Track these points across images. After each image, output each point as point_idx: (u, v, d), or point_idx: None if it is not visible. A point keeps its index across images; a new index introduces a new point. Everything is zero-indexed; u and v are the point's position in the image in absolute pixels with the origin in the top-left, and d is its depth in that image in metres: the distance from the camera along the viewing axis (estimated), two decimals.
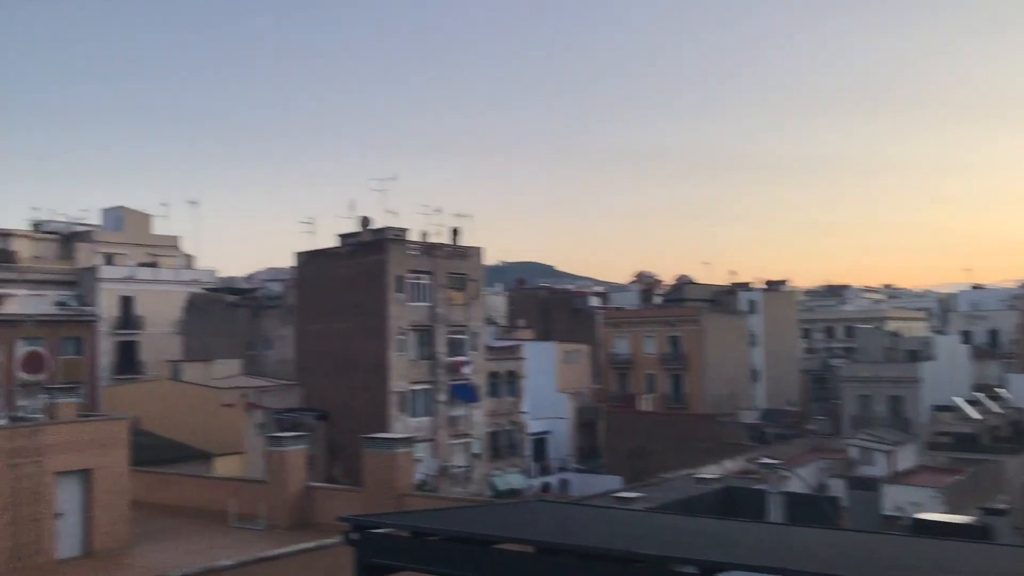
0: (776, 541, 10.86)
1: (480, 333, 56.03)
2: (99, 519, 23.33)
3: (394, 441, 24.99)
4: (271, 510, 26.19)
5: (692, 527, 12.24)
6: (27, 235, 66.10)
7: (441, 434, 52.33)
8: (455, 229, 55.49)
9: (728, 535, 11.25)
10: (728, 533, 11.44)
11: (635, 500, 24.74)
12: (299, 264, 55.38)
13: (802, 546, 10.43)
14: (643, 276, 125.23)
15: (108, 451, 23.73)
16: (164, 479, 30.83)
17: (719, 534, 11.38)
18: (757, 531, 11.83)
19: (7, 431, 21.81)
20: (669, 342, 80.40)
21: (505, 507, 17.78)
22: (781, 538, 11.19)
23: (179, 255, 71.14)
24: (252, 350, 58.69)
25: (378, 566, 10.84)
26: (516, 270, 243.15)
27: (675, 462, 48.46)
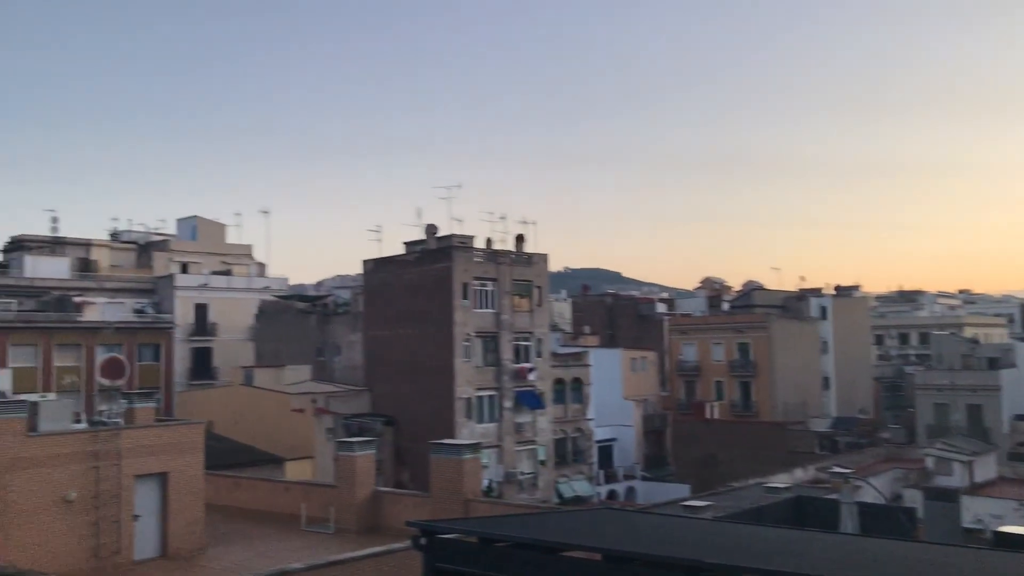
0: (850, 552, 10.64)
1: (545, 339, 56.01)
2: (175, 521, 23.93)
3: (461, 447, 25.10)
4: (340, 514, 26.55)
5: (762, 536, 12.06)
6: (106, 244, 68.25)
7: (507, 440, 52.42)
8: (520, 236, 55.65)
9: (799, 545, 11.06)
10: (799, 543, 11.25)
11: (703, 509, 24.43)
12: (366, 271, 56.08)
13: (877, 558, 10.20)
14: (710, 282, 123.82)
15: (184, 455, 24.33)
16: (237, 483, 31.45)
17: (790, 544, 11.19)
18: (830, 542, 11.60)
19: (88, 435, 22.52)
20: (738, 349, 79.30)
21: (571, 515, 17.73)
22: (855, 549, 10.96)
23: (251, 263, 72.68)
24: (321, 356, 59.60)
25: (446, 571, 10.93)
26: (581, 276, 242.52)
27: (744, 470, 47.77)
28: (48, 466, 21.46)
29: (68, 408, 24.49)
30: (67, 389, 52.77)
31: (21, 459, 20.93)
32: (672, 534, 12.00)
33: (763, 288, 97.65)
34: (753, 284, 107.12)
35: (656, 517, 16.18)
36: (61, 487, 21.62)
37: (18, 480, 20.82)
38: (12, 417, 20.98)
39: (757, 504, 25.98)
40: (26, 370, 52.51)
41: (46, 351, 54.92)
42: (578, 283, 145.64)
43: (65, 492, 21.65)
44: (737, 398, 78.54)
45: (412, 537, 11.51)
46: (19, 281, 58.85)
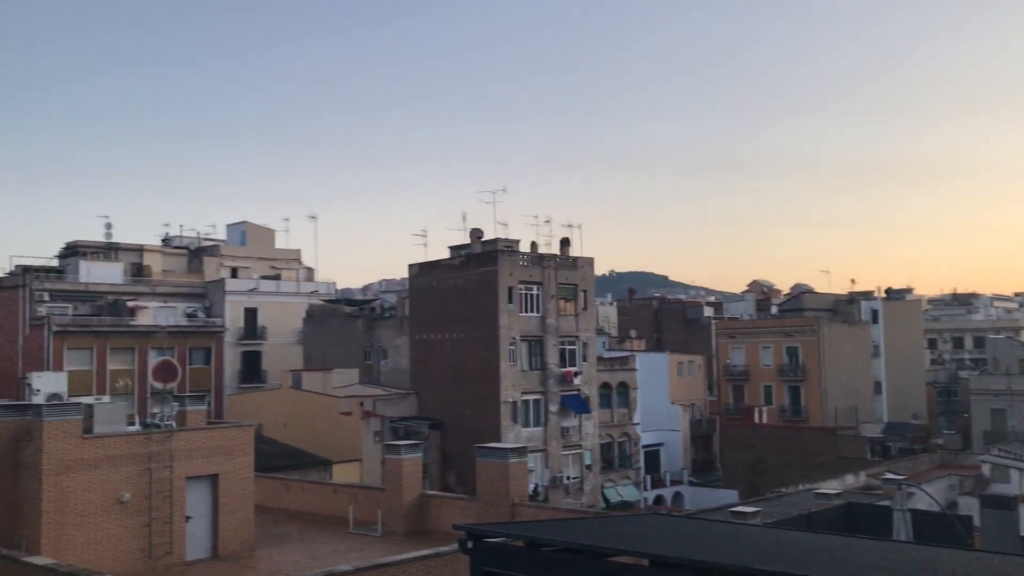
0: (904, 560, 10.44)
1: (591, 343, 55.86)
2: (225, 523, 24.26)
3: (507, 451, 25.10)
4: (388, 517, 26.72)
5: (812, 543, 11.88)
6: (158, 250, 69.55)
7: (553, 444, 52.36)
8: (565, 239, 55.59)
9: (851, 553, 10.88)
10: (851, 551, 11.06)
11: (752, 515, 24.15)
12: (412, 276, 56.44)
13: (932, 566, 10.00)
14: (758, 285, 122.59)
15: (234, 457, 24.67)
16: (286, 485, 31.80)
17: (841, 551, 11.02)
18: (882, 549, 11.39)
19: (142, 437, 22.93)
20: (787, 353, 78.38)
21: (619, 519, 17.65)
22: (909, 557, 10.75)
23: (300, 268, 73.54)
24: (368, 360, 60.11)
25: (492, 574, 10.93)
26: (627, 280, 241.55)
27: (793, 476, 47.13)
28: (103, 467, 21.90)
29: (122, 410, 24.95)
30: (120, 392, 53.84)
31: (77, 460, 21.38)
32: (720, 540, 11.88)
33: (812, 291, 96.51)
34: (802, 287, 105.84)
35: (704, 523, 16.04)
36: (115, 488, 22.04)
37: (74, 481, 21.28)
38: (68, 419, 21.44)
39: (807, 510, 25.63)
40: (81, 373, 53.71)
41: (100, 354, 56.13)
42: (624, 287, 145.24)
43: (119, 493, 22.06)
44: (786, 403, 77.61)
45: (459, 540, 11.54)
46: (75, 286, 60.19)
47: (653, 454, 65.84)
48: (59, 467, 21.03)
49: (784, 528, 17.70)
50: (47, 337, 54.21)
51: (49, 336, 54.22)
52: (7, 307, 58.30)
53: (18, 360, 56.07)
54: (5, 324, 58.25)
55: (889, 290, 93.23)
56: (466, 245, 55.38)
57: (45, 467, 20.81)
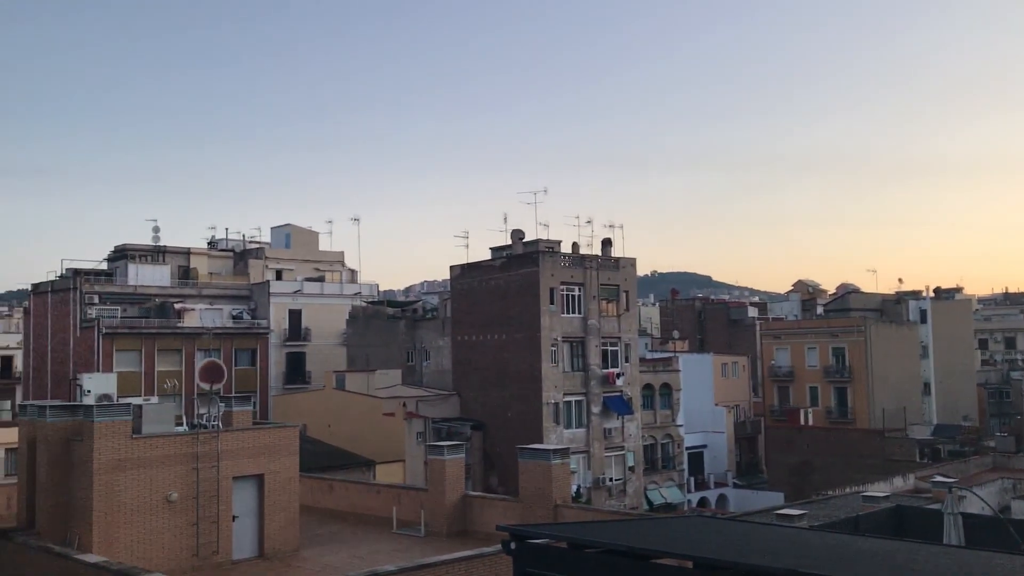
0: (955, 565, 10.23)
1: (633, 344, 55.60)
2: (271, 522, 24.51)
3: (549, 452, 25.05)
4: (431, 517, 26.81)
5: (860, 547, 11.69)
6: (204, 253, 70.57)
7: (595, 446, 52.19)
8: (607, 240, 55.41)
9: (900, 556, 10.69)
10: (900, 555, 10.87)
11: (798, 517, 23.85)
12: (453, 277, 56.63)
13: (985, 571, 9.78)
14: (803, 285, 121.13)
15: (280, 457, 24.91)
16: (330, 485, 32.03)
17: (890, 555, 10.83)
18: (932, 554, 11.17)
19: (189, 437, 23.26)
20: (832, 354, 77.36)
21: (662, 521, 17.55)
22: (960, 562, 10.53)
23: (343, 270, 74.15)
24: (410, 361, 60.43)
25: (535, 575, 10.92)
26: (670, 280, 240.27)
27: (840, 479, 46.49)
28: (151, 467, 22.25)
29: (170, 411, 25.32)
30: (168, 393, 54.72)
31: (126, 460, 21.75)
32: (765, 543, 11.74)
33: (859, 291, 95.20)
34: (848, 287, 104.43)
35: (749, 525, 15.87)
36: (164, 487, 22.38)
37: (124, 480, 21.64)
38: (118, 420, 21.81)
39: (854, 513, 25.25)
40: (130, 374, 54.70)
41: (149, 356, 57.09)
42: (667, 287, 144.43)
43: (167, 492, 22.41)
44: (832, 404, 76.61)
45: (502, 541, 11.54)
46: (123, 289, 61.29)
47: (697, 456, 65.34)
48: (109, 467, 21.40)
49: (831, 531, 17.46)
50: (97, 339, 55.27)
51: (99, 338, 55.27)
52: (59, 310, 59.57)
53: (70, 362, 57.26)
54: (57, 327, 59.52)
55: (938, 289, 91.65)
56: (507, 246, 55.43)
57: (96, 466, 21.19)
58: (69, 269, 62.06)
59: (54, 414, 22.55)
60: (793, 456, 61.64)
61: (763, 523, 18.76)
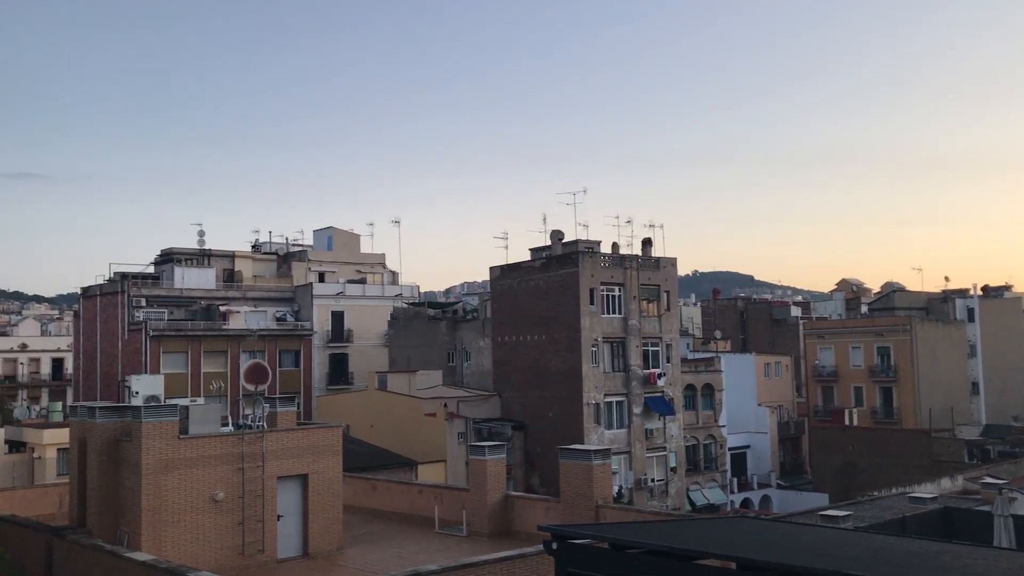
0: (1004, 568, 10.06)
1: (675, 344, 55.29)
2: (315, 522, 24.77)
3: (590, 452, 25.01)
4: (472, 517, 26.90)
5: (906, 549, 11.55)
6: (248, 256, 71.49)
7: (637, 447, 51.99)
8: (647, 240, 55.15)
9: (948, 559, 10.54)
10: (947, 557, 10.71)
11: (843, 519, 23.56)
12: (493, 278, 56.73)
13: None
14: (847, 284, 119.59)
15: (323, 457, 25.17)
16: (373, 485, 32.28)
17: (937, 557, 10.68)
18: (982, 556, 11.00)
19: (235, 437, 23.59)
20: (878, 353, 76.25)
21: (705, 522, 17.45)
22: (1010, 565, 10.35)
23: (384, 271, 74.69)
24: (451, 361, 60.69)
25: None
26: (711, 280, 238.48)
27: (886, 480, 45.77)
28: (198, 467, 22.60)
29: (216, 412, 25.70)
30: (214, 394, 55.49)
31: (173, 460, 22.13)
32: (810, 544, 11.64)
33: (904, 289, 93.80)
34: (893, 285, 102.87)
35: (793, 526, 15.74)
36: (210, 487, 22.72)
37: (171, 480, 22.02)
38: (165, 421, 22.20)
39: (901, 515, 24.86)
40: (177, 375, 55.57)
41: (195, 357, 57.97)
42: (708, 287, 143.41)
43: (213, 492, 22.75)
44: (878, 404, 75.52)
45: (544, 541, 11.57)
46: (170, 292, 62.29)
47: (740, 456, 64.80)
48: (157, 467, 21.79)
49: (877, 533, 17.23)
50: (145, 341, 56.23)
51: (146, 340, 56.23)
52: (108, 313, 60.71)
53: (118, 363, 58.33)
54: (106, 329, 60.67)
55: (986, 287, 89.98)
56: (547, 247, 55.42)
57: (144, 466, 21.59)
58: (117, 273, 63.17)
59: (103, 415, 23.01)
60: (838, 457, 60.81)
61: (807, 524, 18.57)
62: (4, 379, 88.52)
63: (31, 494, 30.96)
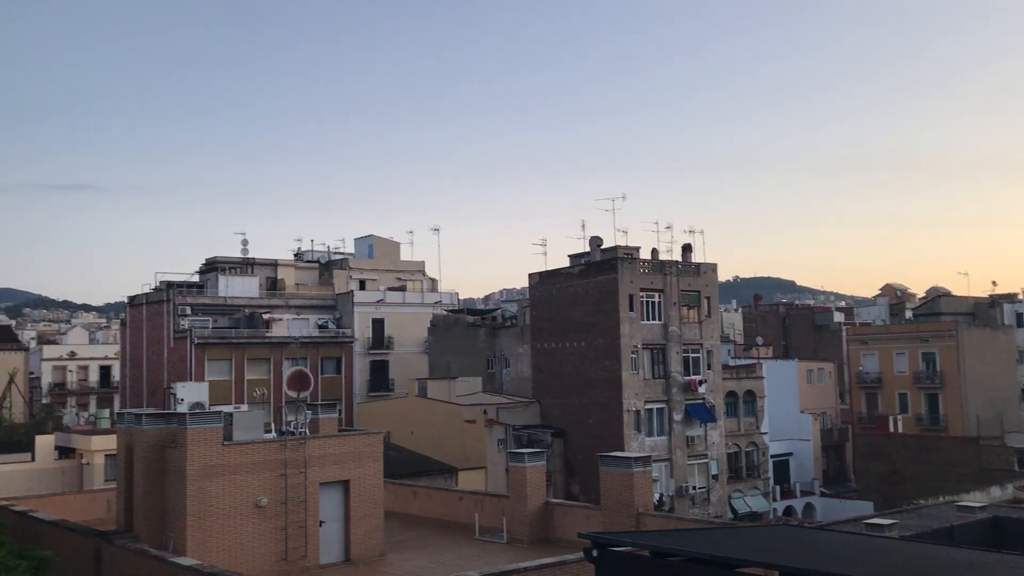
0: None
1: (715, 351, 54.86)
2: (356, 528, 24.93)
3: (631, 460, 24.90)
4: (512, 524, 26.91)
5: (954, 558, 11.36)
6: (291, 264, 72.26)
7: (678, 454, 51.63)
8: (687, 245, 54.83)
9: (998, 569, 10.35)
10: (997, 567, 10.52)
11: (889, 527, 23.21)
12: (532, 285, 56.73)
13: None
14: (891, 289, 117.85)
15: (365, 464, 25.34)
16: (413, 491, 32.43)
17: (987, 568, 10.49)
18: None
19: (278, 444, 23.85)
20: (923, 359, 75.07)
21: (747, 530, 17.29)
22: None
23: (424, 279, 75.07)
24: (491, 368, 60.78)
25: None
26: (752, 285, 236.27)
27: (932, 488, 45.01)
28: (241, 473, 22.88)
29: (259, 419, 25.98)
30: (257, 400, 56.12)
31: (218, 466, 22.42)
32: (854, 552, 11.50)
33: (950, 294, 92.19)
34: (939, 290, 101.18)
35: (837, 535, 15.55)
36: (253, 493, 22.99)
37: (215, 486, 22.31)
38: (210, 427, 22.51)
39: (948, 524, 24.43)
40: (221, 383, 56.26)
41: (239, 365, 58.68)
42: (749, 293, 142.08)
43: (257, 498, 23.01)
44: (923, 411, 74.31)
45: (584, 549, 11.54)
46: (214, 300, 63.12)
47: (782, 464, 64.10)
48: (202, 473, 22.09)
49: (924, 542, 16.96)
50: (190, 349, 57.05)
51: (191, 348, 57.04)
52: (154, 321, 61.71)
53: (164, 371, 59.24)
54: (152, 337, 61.67)
55: None
56: (586, 253, 55.33)
57: (189, 472, 21.90)
58: (163, 282, 64.17)
59: (150, 422, 23.39)
60: (882, 464, 59.92)
61: (852, 532, 18.34)
62: (54, 386, 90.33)
63: (80, 499, 31.57)
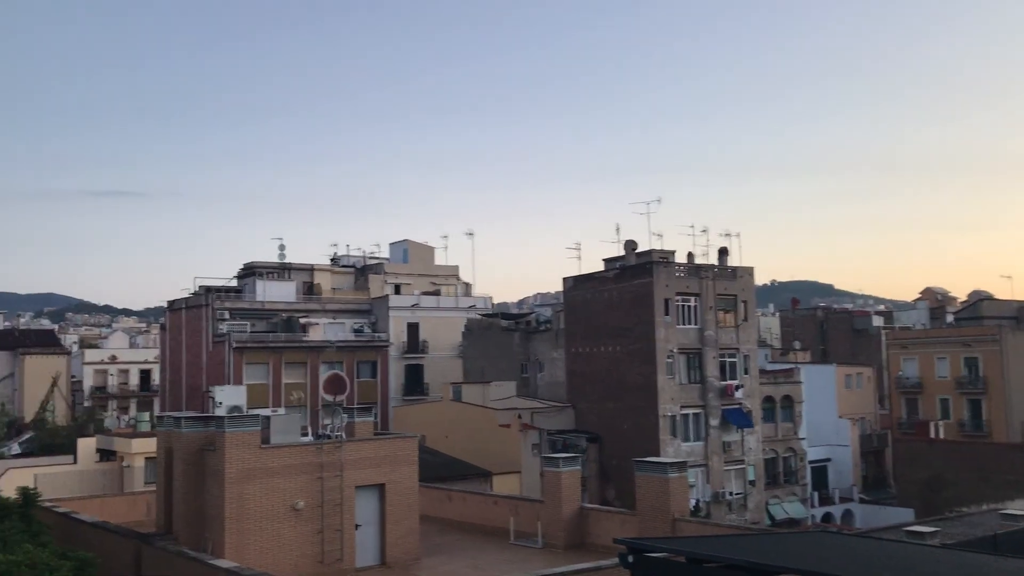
0: None
1: (752, 356, 54.38)
2: (392, 531, 25.04)
3: (667, 465, 24.75)
4: (548, 529, 26.86)
5: (998, 567, 11.16)
6: (327, 269, 72.81)
7: (714, 460, 51.24)
8: (723, 249, 54.45)
9: None
10: None
11: (930, 535, 22.83)
12: (566, 289, 56.64)
13: None
14: (932, 293, 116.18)
15: (400, 467, 25.46)
16: (448, 495, 32.47)
17: None
18: None
19: (314, 447, 24.03)
20: (965, 364, 73.81)
21: (785, 537, 17.13)
22: None
23: (458, 283, 75.27)
24: (525, 372, 60.73)
25: None
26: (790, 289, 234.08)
27: (975, 495, 44.16)
28: (279, 476, 23.09)
29: (296, 422, 26.23)
30: (294, 404, 56.60)
31: (255, 469, 22.64)
32: (895, 560, 11.33)
33: (992, 298, 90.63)
34: (981, 294, 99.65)
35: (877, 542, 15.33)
36: (290, 496, 23.18)
37: (253, 489, 22.53)
38: (248, 431, 22.75)
39: (992, 532, 23.98)
40: (259, 387, 56.77)
41: (276, 369, 59.19)
42: (787, 297, 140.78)
43: (294, 501, 23.20)
44: (965, 417, 73.05)
45: (619, 554, 11.50)
46: (252, 304, 63.74)
47: (820, 470, 63.35)
48: (239, 475, 22.31)
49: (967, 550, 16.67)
50: (228, 353, 57.66)
51: (230, 352, 57.64)
52: (193, 325, 62.46)
53: (203, 374, 59.93)
54: (191, 341, 62.43)
55: None
56: (620, 257, 55.14)
57: (227, 475, 22.14)
58: (202, 287, 64.89)
59: (189, 425, 23.69)
60: (923, 471, 58.96)
61: (892, 540, 18.06)
62: (95, 390, 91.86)
63: (121, 501, 32.02)
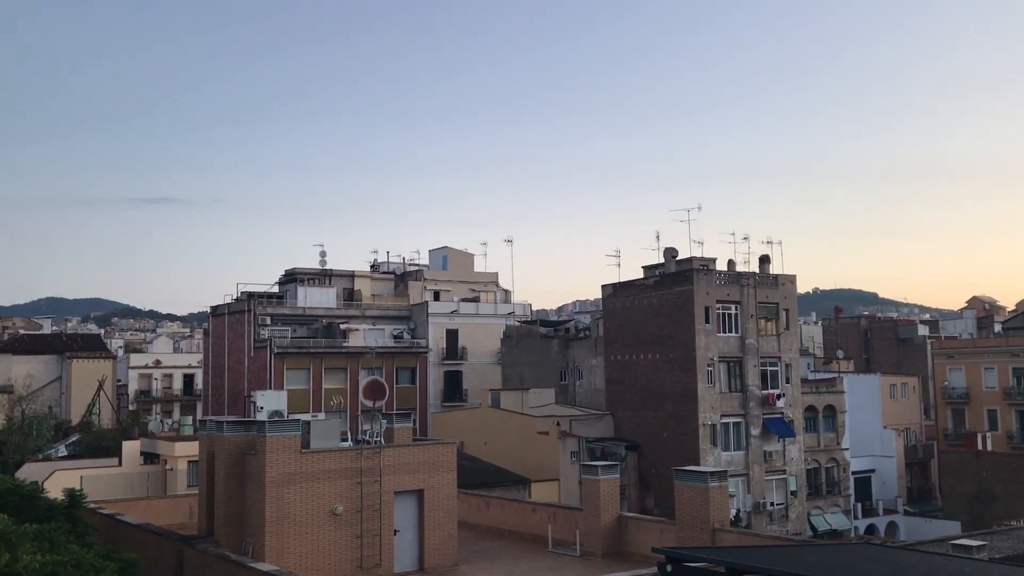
0: None
1: (794, 364, 53.73)
2: (430, 537, 25.09)
3: (707, 474, 24.49)
4: (586, 537, 26.74)
5: None
6: (367, 275, 73.30)
7: (755, 469, 50.67)
8: (764, 257, 53.89)
9: None
10: None
11: (977, 549, 22.37)
12: (606, 296, 56.43)
13: None
14: (979, 301, 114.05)
15: (439, 473, 25.52)
16: (487, 502, 32.46)
17: None
18: None
19: (353, 452, 24.18)
20: (1013, 374, 72.34)
21: (827, 548, 16.90)
22: None
23: (497, 290, 75.33)
24: (563, 380, 60.60)
25: None
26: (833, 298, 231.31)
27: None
28: (318, 481, 23.26)
29: (336, 427, 26.40)
30: (334, 409, 57.00)
31: (296, 474, 22.83)
32: (940, 574, 11.12)
33: None
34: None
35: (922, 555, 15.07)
36: (329, 501, 23.34)
37: (293, 493, 22.72)
38: (288, 435, 22.95)
39: None
40: (299, 392, 57.29)
41: (316, 374, 59.71)
42: (829, 305, 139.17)
43: (333, 505, 23.35)
44: (1014, 428, 71.60)
45: (658, 564, 11.44)
46: (293, 310, 64.37)
47: (864, 481, 62.43)
48: (280, 479, 22.52)
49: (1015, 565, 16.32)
50: (269, 358, 58.27)
51: (271, 357, 58.25)
52: (235, 331, 63.22)
53: (244, 379, 60.62)
54: (233, 346, 63.18)
55: None
56: (660, 264, 54.82)
57: (268, 479, 22.35)
58: (244, 292, 65.64)
59: (230, 429, 23.96)
60: (970, 483, 57.82)
61: (938, 553, 17.73)
62: (140, 393, 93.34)
63: (164, 503, 32.47)
